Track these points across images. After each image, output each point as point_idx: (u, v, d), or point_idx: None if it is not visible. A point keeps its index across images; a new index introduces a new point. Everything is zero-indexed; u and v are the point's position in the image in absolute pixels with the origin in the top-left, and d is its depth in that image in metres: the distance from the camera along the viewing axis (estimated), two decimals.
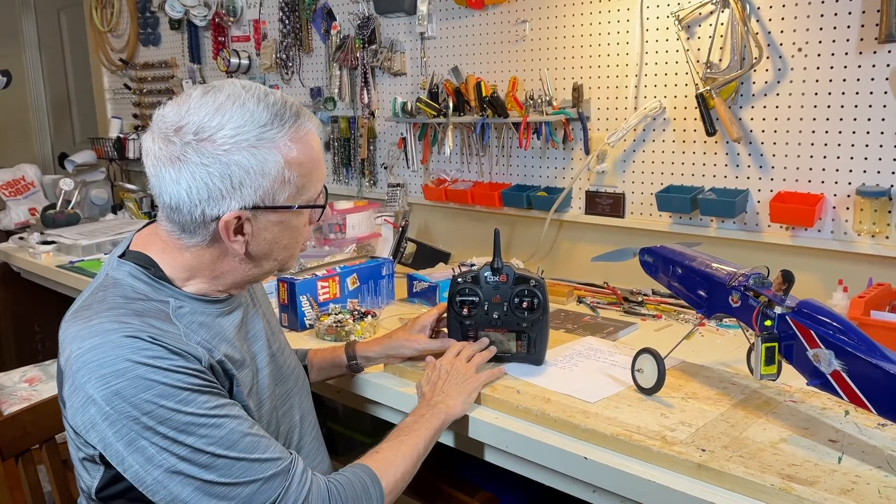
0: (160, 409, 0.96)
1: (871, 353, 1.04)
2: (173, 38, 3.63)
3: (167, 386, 0.97)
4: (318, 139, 1.12)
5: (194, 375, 1.00)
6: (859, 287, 1.66)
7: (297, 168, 1.07)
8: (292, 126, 1.06)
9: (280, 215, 1.09)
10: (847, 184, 1.75)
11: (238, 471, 1.00)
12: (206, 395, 1.01)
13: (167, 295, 1.09)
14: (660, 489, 1.10)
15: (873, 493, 1.01)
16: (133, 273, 1.09)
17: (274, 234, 1.10)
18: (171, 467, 0.97)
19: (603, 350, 1.57)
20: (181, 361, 1.00)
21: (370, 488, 1.11)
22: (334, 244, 2.37)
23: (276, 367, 1.26)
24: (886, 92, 1.66)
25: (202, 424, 0.98)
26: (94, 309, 1.03)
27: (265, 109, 1.05)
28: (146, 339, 0.98)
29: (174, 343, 1.01)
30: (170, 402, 0.96)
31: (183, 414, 0.97)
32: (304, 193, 1.10)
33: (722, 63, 1.88)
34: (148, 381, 0.96)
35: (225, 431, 1.00)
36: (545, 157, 2.31)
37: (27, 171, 3.56)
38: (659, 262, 1.48)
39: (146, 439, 0.96)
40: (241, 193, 1.04)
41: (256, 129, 1.03)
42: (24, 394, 2.25)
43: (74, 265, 2.65)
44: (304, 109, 1.11)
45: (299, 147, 1.07)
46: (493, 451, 1.35)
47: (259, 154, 1.03)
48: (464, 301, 1.47)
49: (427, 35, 2.52)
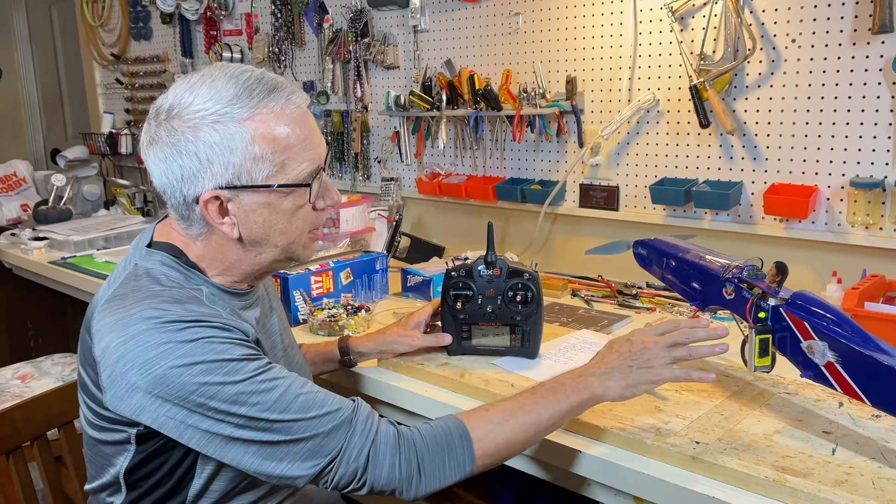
0: (207, 387, 0.96)
1: (864, 345, 1.04)
2: (165, 32, 3.61)
3: (211, 362, 0.97)
4: (301, 116, 1.07)
5: (240, 345, 1.00)
6: (853, 278, 1.66)
7: (270, 144, 1.04)
8: (262, 101, 1.03)
9: (263, 196, 1.06)
10: (841, 175, 1.75)
11: (298, 430, 0.99)
12: (254, 361, 1.00)
13: (199, 283, 1.10)
14: (654, 482, 1.10)
15: (867, 484, 1.01)
16: (165, 262, 1.09)
17: (264, 217, 1.07)
18: (230, 435, 0.98)
19: (597, 343, 1.56)
20: (226, 334, 1.00)
21: (456, 445, 1.04)
22: (328, 239, 2.36)
23: (287, 363, 1.25)
24: (880, 83, 1.66)
25: (253, 392, 0.98)
26: (130, 298, 1.03)
27: (234, 86, 1.03)
28: (187, 321, 0.98)
29: (217, 319, 1.01)
30: (216, 376, 0.96)
31: (232, 384, 0.97)
32: (287, 172, 1.06)
33: (715, 55, 1.87)
34: (193, 359, 0.96)
35: (277, 395, 0.99)
36: (539, 150, 2.30)
37: (19, 166, 3.54)
38: (653, 254, 1.48)
39: (200, 415, 0.97)
40: (212, 171, 1.03)
41: (220, 105, 1.02)
42: (17, 391, 2.24)
43: (66, 261, 2.64)
44: (286, 86, 1.07)
45: (271, 122, 1.03)
46: None
47: (223, 129, 1.02)
48: (458, 295, 1.47)
49: (420, 28, 2.51)
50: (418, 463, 1.03)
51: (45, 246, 2.83)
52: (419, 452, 1.03)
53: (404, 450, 1.03)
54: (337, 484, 1.02)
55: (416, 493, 1.04)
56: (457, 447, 1.04)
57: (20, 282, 2.99)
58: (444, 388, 1.43)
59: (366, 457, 1.01)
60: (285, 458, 0.99)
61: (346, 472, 1.01)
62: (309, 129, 1.08)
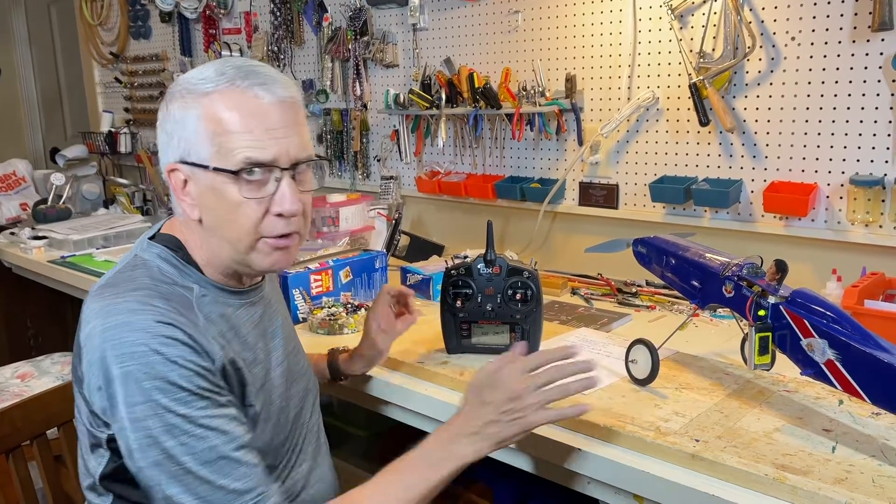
0: (152, 404, 0.95)
1: (864, 342, 1.04)
2: (164, 31, 3.61)
3: (169, 383, 0.96)
4: (260, 108, 1.03)
5: (202, 376, 0.99)
6: (853, 276, 1.66)
7: (215, 124, 1.03)
8: (226, 83, 1.03)
9: (210, 178, 1.04)
10: (840, 173, 1.75)
11: (199, 493, 0.97)
12: (206, 400, 0.99)
13: (193, 281, 1.09)
14: (654, 480, 1.10)
15: (867, 482, 1.01)
16: (162, 255, 1.10)
17: (213, 202, 1.06)
18: (143, 468, 0.97)
19: (597, 341, 1.57)
20: (194, 357, 0.99)
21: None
22: (327, 237, 2.36)
23: (290, 366, 1.24)
24: (880, 80, 1.66)
25: (185, 431, 0.96)
26: (121, 287, 1.03)
27: (214, 66, 1.06)
28: (168, 325, 0.98)
29: (194, 334, 1.00)
30: (165, 398, 0.95)
31: (172, 414, 0.96)
32: (227, 157, 1.03)
33: (715, 52, 1.87)
34: (156, 371, 0.96)
35: (204, 446, 0.97)
36: (538, 148, 2.30)
37: (18, 165, 3.53)
38: (652, 252, 1.47)
39: (136, 429, 0.96)
40: (172, 144, 1.06)
41: (191, 83, 1.05)
42: (16, 390, 2.23)
43: (66, 260, 2.63)
44: (264, 77, 1.05)
45: (223, 103, 1.03)
46: None
47: (184, 103, 1.05)
48: (457, 293, 1.47)
49: (419, 26, 2.51)
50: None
51: (45, 245, 2.83)
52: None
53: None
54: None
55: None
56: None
57: (20, 281, 2.98)
58: (444, 386, 1.43)
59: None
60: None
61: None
62: (266, 122, 1.04)
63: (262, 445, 1.10)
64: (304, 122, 1.11)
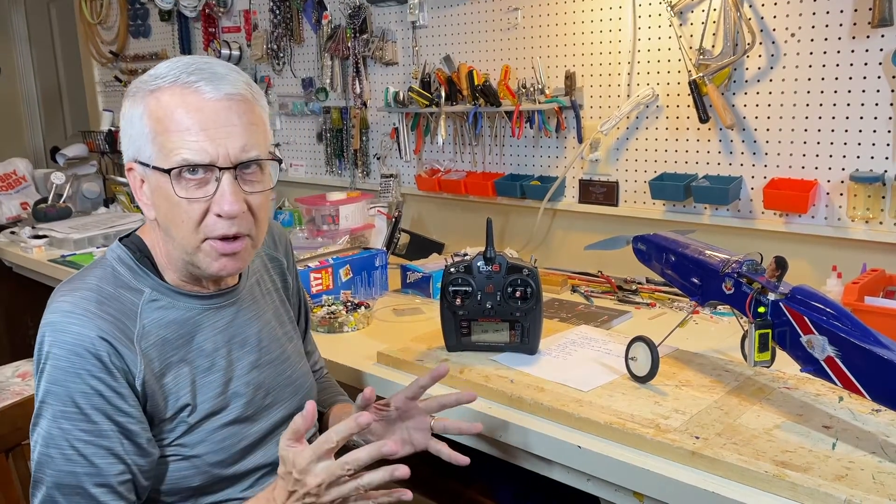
0: (48, 407, 1.01)
1: (864, 339, 1.03)
2: (163, 29, 3.61)
3: (67, 394, 1.00)
4: (202, 104, 1.01)
5: (103, 396, 1.01)
6: (853, 273, 1.66)
7: (154, 122, 1.02)
8: (172, 80, 1.02)
9: (156, 177, 1.03)
10: (840, 169, 1.75)
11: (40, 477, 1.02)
12: (92, 424, 1.01)
13: (146, 284, 1.10)
14: (654, 477, 1.10)
15: (867, 478, 1.01)
16: (121, 257, 1.11)
17: (160, 200, 1.05)
18: (34, 458, 1.02)
19: (597, 339, 1.56)
20: (103, 375, 1.01)
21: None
22: (327, 235, 2.36)
23: (266, 377, 1.19)
24: (880, 77, 1.66)
25: (58, 446, 1.00)
26: (72, 284, 1.07)
27: (169, 63, 1.05)
28: (89, 337, 1.00)
29: (119, 347, 1.02)
30: (58, 407, 1.00)
31: (55, 425, 1.00)
32: (167, 157, 1.02)
33: (715, 49, 1.87)
34: (61, 378, 1.00)
35: (68, 468, 1.00)
36: (538, 145, 2.30)
37: (18, 164, 3.53)
38: (652, 249, 1.47)
39: (35, 421, 1.03)
40: (126, 143, 1.07)
41: (142, 81, 1.05)
42: (17, 388, 2.23)
43: (66, 259, 2.64)
44: (207, 76, 1.02)
45: (163, 102, 1.01)
46: (487, 441, 1.34)
47: (133, 101, 1.05)
48: (457, 291, 1.46)
49: (418, 24, 2.50)
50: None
51: (45, 244, 2.83)
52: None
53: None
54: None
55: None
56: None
57: (20, 280, 2.99)
58: (444, 384, 1.42)
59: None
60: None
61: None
62: (204, 120, 1.01)
63: (206, 452, 1.10)
64: (258, 120, 1.06)
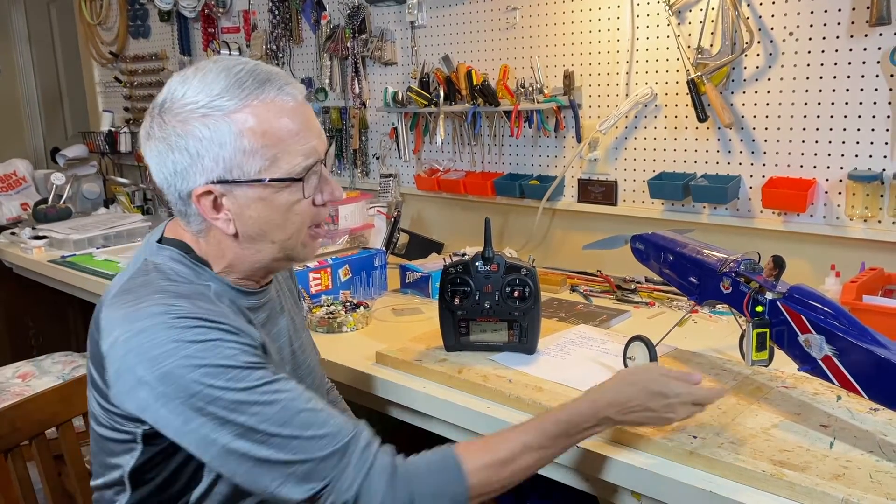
0: (209, 390, 0.94)
1: (861, 338, 1.03)
2: (163, 30, 3.61)
3: (216, 366, 0.95)
4: (295, 108, 1.04)
5: (247, 351, 0.99)
6: (852, 272, 1.66)
7: (261, 138, 1.02)
8: (253, 92, 1.02)
9: (257, 190, 1.04)
10: (839, 168, 1.75)
11: (294, 448, 0.96)
12: (259, 370, 0.98)
13: (208, 279, 1.09)
14: (652, 476, 1.10)
15: (864, 477, 1.01)
16: (174, 257, 1.09)
17: (259, 212, 1.05)
18: (226, 445, 0.96)
19: (595, 338, 1.56)
20: (233, 338, 0.98)
21: (453, 488, 1.00)
22: (326, 235, 2.36)
23: (294, 367, 1.24)
24: (878, 75, 1.65)
25: (254, 402, 0.96)
26: (137, 293, 1.02)
27: (224, 78, 1.02)
28: (196, 319, 0.97)
29: (225, 321, 1.00)
30: (219, 380, 0.95)
31: (234, 391, 0.95)
32: (280, 166, 1.03)
33: (713, 48, 1.87)
34: (197, 361, 0.95)
35: (277, 408, 0.96)
36: (537, 145, 2.30)
37: (18, 165, 3.53)
38: (650, 249, 1.47)
39: (200, 419, 0.95)
40: (203, 166, 1.02)
41: (208, 98, 1.01)
42: (17, 389, 2.24)
43: (66, 260, 2.64)
44: (280, 77, 1.04)
45: (262, 115, 1.01)
46: None
47: (211, 123, 1.01)
48: (455, 291, 1.46)
49: (417, 24, 2.50)
50: (412, 500, 0.99)
51: (45, 245, 2.83)
52: (413, 491, 0.99)
53: (399, 487, 0.99)
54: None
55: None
56: (453, 490, 1.01)
57: (21, 281, 2.99)
58: (443, 384, 1.43)
59: (356, 490, 0.97)
60: (279, 476, 0.97)
61: (337, 502, 0.98)
62: (303, 121, 1.05)
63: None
64: None
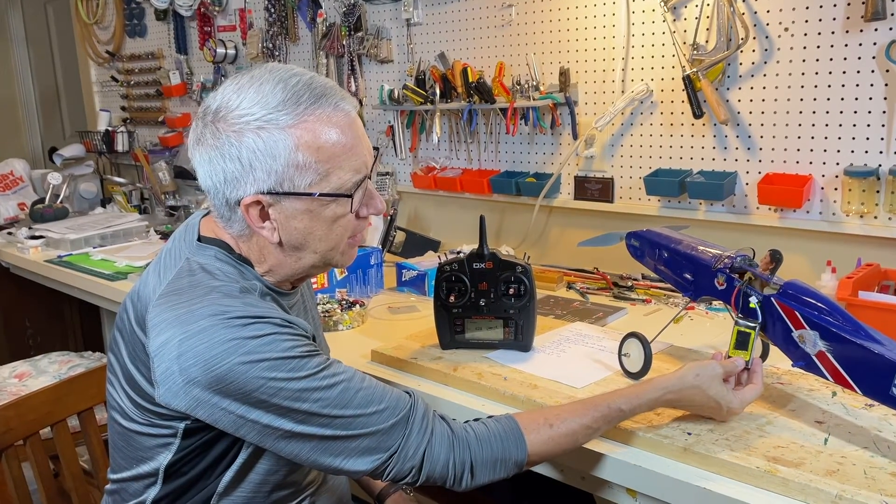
0: (273, 382, 0.97)
1: (855, 334, 1.03)
2: (159, 28, 3.60)
3: (276, 359, 0.97)
4: (348, 123, 1.05)
5: (301, 341, 1.01)
6: (848, 267, 1.65)
7: (314, 153, 1.03)
8: (308, 108, 1.02)
9: (305, 203, 1.05)
10: (835, 164, 1.74)
11: (358, 425, 1.01)
12: (316, 357, 1.01)
13: (251, 278, 1.10)
14: (646, 473, 1.10)
15: (859, 473, 1.00)
16: (219, 257, 1.10)
17: (304, 223, 1.07)
18: (290, 430, 0.99)
19: (591, 335, 1.56)
20: (288, 330, 1.01)
21: (511, 454, 1.07)
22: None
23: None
24: (873, 71, 1.65)
25: (315, 388, 0.99)
26: (188, 294, 1.03)
27: (281, 91, 1.02)
28: (249, 317, 0.99)
29: (277, 315, 1.01)
30: (281, 373, 0.97)
31: (296, 380, 0.98)
32: (330, 181, 1.05)
33: (708, 44, 1.86)
34: (257, 356, 0.97)
35: (338, 391, 1.00)
36: (533, 142, 2.30)
37: (15, 165, 3.53)
38: (645, 246, 1.47)
39: (261, 411, 0.98)
40: (255, 176, 1.03)
41: (265, 111, 1.01)
42: (14, 389, 2.24)
43: (63, 259, 2.64)
44: (335, 92, 1.05)
45: (317, 131, 1.02)
46: None
47: (267, 136, 1.01)
48: (450, 289, 1.46)
49: (413, 21, 2.50)
50: (472, 463, 1.06)
51: (42, 244, 2.83)
52: (473, 455, 1.06)
53: (458, 450, 1.05)
54: (393, 478, 1.05)
55: (465, 489, 1.07)
56: (515, 458, 1.07)
57: (18, 281, 2.99)
58: (438, 382, 1.43)
59: (421, 455, 1.04)
60: (344, 452, 1.02)
61: (403, 469, 1.04)
62: (356, 137, 1.06)
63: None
64: None
